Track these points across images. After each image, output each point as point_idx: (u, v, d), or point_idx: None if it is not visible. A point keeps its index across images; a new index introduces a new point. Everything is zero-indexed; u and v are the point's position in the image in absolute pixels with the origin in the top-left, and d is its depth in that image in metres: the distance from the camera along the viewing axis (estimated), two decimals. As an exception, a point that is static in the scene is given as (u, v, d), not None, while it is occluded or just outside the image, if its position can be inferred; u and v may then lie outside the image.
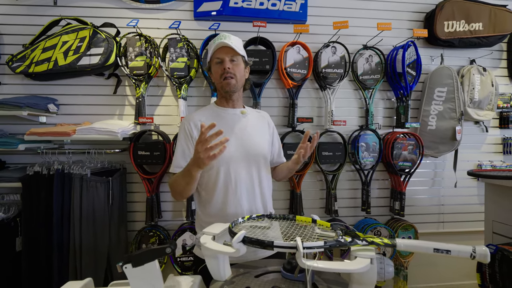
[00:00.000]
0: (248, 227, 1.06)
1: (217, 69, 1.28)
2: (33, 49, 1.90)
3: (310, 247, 0.82)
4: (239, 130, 1.30)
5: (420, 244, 0.87)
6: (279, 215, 1.14)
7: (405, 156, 2.19)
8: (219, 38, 1.26)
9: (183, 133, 1.29)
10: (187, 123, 1.29)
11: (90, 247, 1.82)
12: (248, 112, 1.38)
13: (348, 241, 0.86)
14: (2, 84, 2.00)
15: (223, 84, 1.27)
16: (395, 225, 2.22)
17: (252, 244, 0.86)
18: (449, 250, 0.85)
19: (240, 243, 0.87)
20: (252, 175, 1.29)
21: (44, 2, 2.01)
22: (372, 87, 2.22)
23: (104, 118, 2.06)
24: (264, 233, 1.04)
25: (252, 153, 1.29)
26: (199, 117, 1.30)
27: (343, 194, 2.30)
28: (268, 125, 1.44)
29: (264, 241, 0.85)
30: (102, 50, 1.92)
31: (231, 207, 1.25)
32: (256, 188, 1.30)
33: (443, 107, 2.24)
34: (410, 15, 2.31)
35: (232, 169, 1.25)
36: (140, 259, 0.92)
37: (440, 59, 2.31)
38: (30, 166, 1.79)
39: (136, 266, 0.92)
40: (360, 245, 0.87)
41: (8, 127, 1.99)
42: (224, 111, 1.33)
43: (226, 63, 1.25)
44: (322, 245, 0.83)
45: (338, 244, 0.85)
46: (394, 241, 0.87)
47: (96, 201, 1.85)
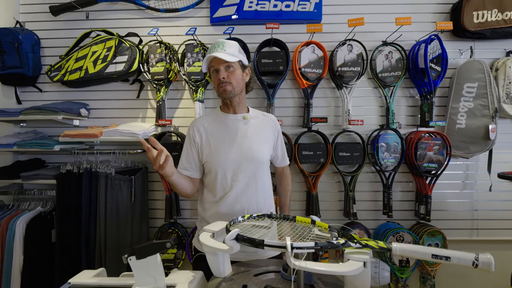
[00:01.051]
0: (247, 226, 1.08)
1: (214, 78, 1.34)
2: (68, 59, 2.11)
3: (299, 247, 0.81)
4: (239, 136, 1.35)
5: (418, 249, 0.82)
6: (280, 215, 1.15)
7: (430, 157, 2.05)
8: (212, 49, 1.30)
9: (188, 138, 1.39)
10: (191, 129, 1.39)
11: (114, 242, 1.95)
12: (252, 116, 1.42)
13: (341, 243, 0.84)
14: (43, 91, 2.24)
15: (221, 92, 1.33)
16: (420, 230, 2.08)
17: (244, 242, 0.87)
18: (449, 256, 0.79)
19: (233, 240, 0.89)
20: (249, 179, 1.35)
21: (78, 17, 2.23)
22: (392, 84, 2.12)
23: (129, 121, 2.21)
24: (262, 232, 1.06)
25: (250, 158, 1.34)
26: (202, 123, 1.40)
27: (363, 196, 2.21)
28: (273, 128, 1.47)
29: (255, 240, 0.86)
30: (126, 58, 2.08)
31: (224, 207, 1.33)
32: (251, 192, 1.35)
33: (473, 103, 2.07)
34: (434, 7, 2.17)
35: (229, 173, 1.33)
36: (143, 252, 0.99)
37: (469, 52, 2.15)
38: (63, 165, 1.98)
39: (140, 258, 0.98)
40: (353, 247, 0.84)
41: (47, 129, 2.22)
42: (226, 117, 1.39)
43: (221, 72, 1.30)
44: (313, 245, 0.82)
45: (330, 245, 0.83)
46: (389, 244, 0.84)
47: (119, 198, 1.99)
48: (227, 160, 1.31)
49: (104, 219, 1.94)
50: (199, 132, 1.37)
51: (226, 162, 1.32)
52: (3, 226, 1.88)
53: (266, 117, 1.49)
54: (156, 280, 0.97)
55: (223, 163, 1.32)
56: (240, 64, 1.35)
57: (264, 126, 1.44)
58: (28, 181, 2.01)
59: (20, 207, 2.05)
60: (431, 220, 2.05)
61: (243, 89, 1.39)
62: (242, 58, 1.35)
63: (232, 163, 1.32)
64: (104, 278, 1.10)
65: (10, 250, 1.87)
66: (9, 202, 2.10)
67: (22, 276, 1.87)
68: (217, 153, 1.32)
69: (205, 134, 1.36)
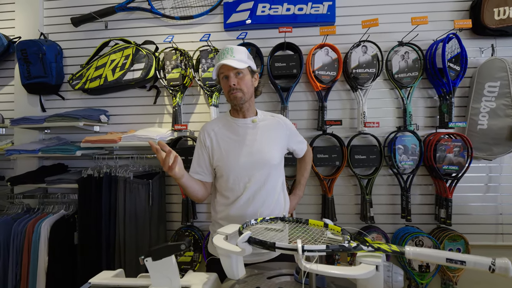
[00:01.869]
0: (260, 229, 1.09)
1: (224, 84, 1.35)
2: (88, 68, 2.20)
3: (311, 250, 0.81)
4: (249, 140, 1.36)
5: (432, 253, 0.80)
6: (292, 218, 1.15)
7: (450, 159, 1.99)
8: (221, 55, 1.30)
9: (199, 142, 1.42)
10: (202, 133, 1.42)
11: (133, 244, 2.00)
12: (260, 119, 1.43)
13: (353, 246, 0.84)
14: (66, 99, 2.34)
15: (231, 99, 1.34)
16: (441, 235, 2.02)
17: (256, 244, 0.88)
18: (464, 261, 0.77)
19: (245, 243, 0.90)
20: (260, 182, 1.36)
21: (97, 27, 2.32)
22: (409, 85, 2.08)
23: (147, 126, 2.27)
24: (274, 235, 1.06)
25: (261, 161, 1.35)
26: (212, 127, 1.42)
27: (380, 199, 2.17)
28: (283, 127, 1.47)
29: (266, 242, 0.86)
30: (143, 65, 2.14)
31: (236, 210, 1.35)
32: (263, 195, 1.36)
33: (496, 103, 1.99)
34: (452, 5, 2.11)
35: (240, 177, 1.34)
36: (158, 254, 1.02)
37: (490, 51, 2.07)
38: (85, 170, 2.05)
39: (155, 260, 1.01)
40: (365, 251, 0.83)
41: (70, 136, 2.32)
42: (235, 122, 1.41)
43: (231, 79, 1.30)
44: (324, 248, 0.82)
45: (342, 248, 0.83)
46: (402, 248, 0.82)
47: (138, 202, 2.04)
48: (237, 164, 1.33)
49: (123, 222, 2.00)
50: (210, 136, 1.39)
51: (237, 166, 1.33)
52: (29, 229, 1.97)
53: (274, 117, 1.48)
54: (171, 281, 1.00)
55: (234, 167, 1.34)
56: (249, 69, 1.36)
57: (274, 127, 1.44)
58: (52, 185, 2.10)
59: (44, 210, 2.14)
60: (452, 225, 1.99)
61: (252, 94, 1.40)
62: (251, 63, 1.36)
63: (243, 167, 1.33)
64: (123, 278, 1.14)
65: (36, 251, 1.96)
66: (34, 206, 2.19)
67: (47, 276, 1.95)
68: (228, 158, 1.34)
69: (215, 138, 1.39)
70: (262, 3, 2.15)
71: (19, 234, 1.98)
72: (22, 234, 1.98)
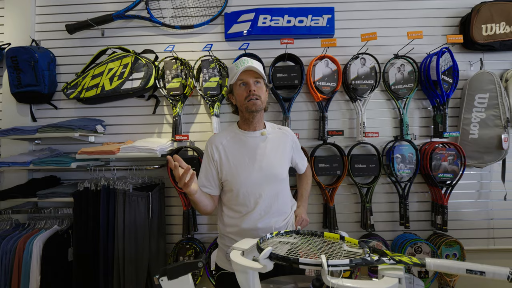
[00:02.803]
0: (276, 243, 1.08)
1: (241, 91, 1.33)
2: (84, 76, 2.12)
3: (335, 265, 0.82)
4: (259, 154, 1.35)
5: (452, 264, 0.83)
6: (307, 231, 1.15)
7: (445, 167, 2.07)
8: (243, 62, 1.31)
9: (206, 155, 1.40)
10: (210, 146, 1.39)
11: (132, 258, 1.93)
12: (269, 132, 1.43)
13: (375, 259, 0.85)
14: (59, 108, 2.25)
15: (248, 105, 1.31)
16: (438, 241, 2.09)
17: (278, 260, 0.87)
18: (484, 271, 0.80)
19: (267, 259, 0.89)
20: (272, 196, 1.36)
21: (93, 35, 2.25)
22: (405, 96, 2.16)
23: (145, 137, 2.22)
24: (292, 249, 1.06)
25: (272, 176, 1.35)
26: (220, 140, 1.39)
27: (380, 207, 2.22)
28: (291, 140, 1.49)
29: (289, 258, 0.86)
30: (142, 74, 2.09)
31: (247, 224, 1.34)
32: (274, 209, 1.36)
33: (485, 114, 2.11)
34: (443, 20, 2.23)
35: (251, 192, 1.33)
36: (175, 273, 0.98)
37: (479, 64, 2.20)
38: (81, 183, 1.96)
39: (171, 279, 0.98)
40: (387, 263, 0.85)
41: (62, 146, 2.22)
42: (244, 135, 1.39)
43: (251, 85, 1.31)
44: (348, 263, 0.82)
45: (364, 262, 0.84)
46: (423, 260, 0.84)
47: (137, 215, 1.97)
48: (248, 179, 1.32)
49: (122, 236, 1.92)
50: (218, 150, 1.37)
51: (248, 181, 1.32)
52: (20, 246, 1.86)
53: (282, 130, 1.49)
54: (188, 301, 0.97)
55: (245, 182, 1.32)
56: (264, 82, 1.37)
57: (282, 140, 1.45)
58: (44, 199, 1.99)
59: (36, 226, 2.02)
60: (448, 230, 2.06)
61: (265, 105, 1.41)
62: (265, 77, 1.38)
63: (254, 182, 1.32)
64: None
65: (27, 270, 1.84)
66: (24, 221, 2.07)
67: (39, 297, 1.84)
68: (237, 172, 1.32)
69: (223, 152, 1.36)
70: (263, 14, 2.17)
71: (8, 252, 1.85)
72: (11, 252, 1.85)
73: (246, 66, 1.29)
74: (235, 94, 1.37)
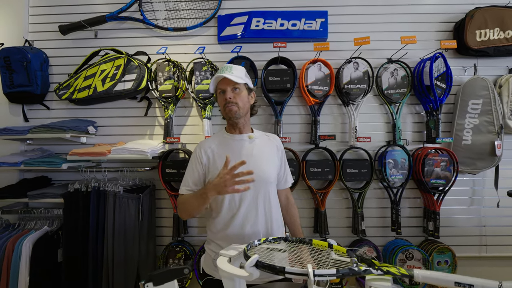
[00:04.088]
0: (264, 250, 1.07)
1: (220, 99, 1.36)
2: (76, 77, 2.12)
3: (321, 275, 0.81)
4: (245, 156, 1.35)
5: (441, 276, 0.82)
6: (296, 238, 1.14)
7: (437, 173, 2.06)
8: (221, 71, 1.33)
9: (194, 157, 1.39)
10: (198, 149, 1.40)
11: (121, 260, 1.93)
12: (256, 136, 1.44)
13: (362, 269, 0.84)
14: (51, 109, 2.25)
15: (226, 112, 1.35)
16: (430, 247, 2.08)
17: (265, 268, 0.87)
18: (472, 284, 0.79)
19: (253, 267, 0.89)
20: (257, 199, 1.35)
21: (86, 36, 2.25)
22: (398, 101, 2.15)
23: (137, 138, 2.21)
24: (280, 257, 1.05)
25: (259, 177, 1.33)
26: (209, 145, 1.41)
27: (371, 213, 2.20)
28: (277, 148, 1.49)
29: (276, 267, 0.85)
30: (135, 76, 2.09)
31: (233, 229, 1.33)
32: (260, 212, 1.35)
33: (479, 120, 2.09)
34: (437, 25, 2.22)
35: (237, 194, 1.31)
36: (160, 279, 0.98)
37: (473, 70, 2.18)
38: (71, 184, 1.96)
39: (157, 285, 0.98)
40: (375, 274, 0.84)
41: (54, 147, 2.22)
42: (231, 138, 1.41)
43: (227, 93, 1.33)
44: (334, 273, 0.81)
45: (352, 272, 0.83)
46: (411, 271, 0.83)
47: (127, 217, 1.97)
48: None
49: (112, 238, 1.92)
50: (207, 154, 1.38)
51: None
52: (9, 248, 1.85)
53: (269, 137, 1.51)
54: (173, 308, 0.96)
55: None
56: (246, 86, 1.38)
57: (268, 145, 1.46)
58: (35, 200, 1.99)
59: (26, 226, 2.02)
60: (440, 237, 2.05)
61: (248, 111, 1.42)
62: (248, 81, 1.39)
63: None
64: None
65: (15, 271, 1.84)
66: (14, 221, 2.07)
67: (27, 298, 1.84)
68: None
69: (212, 156, 1.37)
70: (256, 17, 2.17)
71: (-3, 252, 1.86)
72: (0, 252, 1.85)
73: (218, 76, 1.32)
74: (217, 101, 1.41)
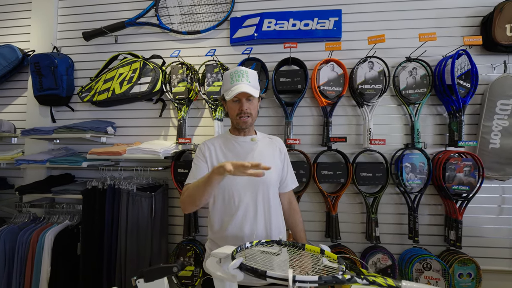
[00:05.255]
0: (255, 252, 1.07)
1: (234, 106, 1.36)
2: (97, 81, 2.25)
3: (302, 281, 0.79)
4: (247, 157, 1.37)
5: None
6: (289, 242, 1.13)
7: (460, 179, 1.92)
8: (237, 78, 1.31)
9: (199, 155, 1.42)
10: (202, 146, 1.44)
11: (134, 256, 2.00)
12: (259, 139, 1.45)
13: (347, 278, 0.81)
14: (75, 110, 2.40)
15: (239, 122, 1.36)
16: (450, 258, 1.93)
17: (248, 271, 0.86)
18: None
19: (236, 269, 0.88)
20: (256, 200, 1.34)
21: (107, 41, 2.38)
22: (417, 102, 2.03)
23: (152, 139, 2.29)
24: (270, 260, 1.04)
25: (258, 179, 1.31)
26: (212, 143, 1.45)
27: (387, 219, 2.10)
28: (280, 151, 1.49)
29: (257, 270, 0.85)
30: (150, 79, 2.17)
31: (232, 229, 1.31)
32: (259, 214, 1.34)
33: (508, 122, 1.92)
34: (462, 21, 2.07)
35: (236, 194, 1.33)
36: (151, 275, 1.01)
37: (503, 67, 2.01)
38: (89, 181, 2.08)
39: (148, 281, 1.01)
40: (359, 283, 0.80)
41: (78, 146, 2.36)
42: (235, 139, 1.43)
43: (243, 104, 1.33)
44: (316, 280, 0.79)
45: (335, 280, 0.81)
46: (399, 283, 0.79)
47: (140, 214, 2.04)
48: (233, 181, 1.33)
49: (125, 234, 2.00)
50: (209, 151, 1.41)
51: (233, 182, 1.33)
52: (33, 239, 2.00)
53: (272, 139, 1.51)
54: (162, 304, 0.98)
55: (230, 183, 1.33)
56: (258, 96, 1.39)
57: (270, 147, 1.47)
58: (58, 195, 2.13)
59: (50, 220, 2.17)
60: (462, 247, 1.90)
61: (256, 116, 1.44)
62: (259, 88, 1.40)
63: (239, 184, 1.33)
64: None
65: (39, 261, 1.98)
66: (41, 215, 2.23)
67: (49, 286, 1.96)
68: None
69: (215, 154, 1.40)
70: (268, 18, 2.16)
71: (24, 243, 2.00)
72: (26, 244, 2.00)
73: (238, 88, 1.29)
74: (228, 105, 1.40)
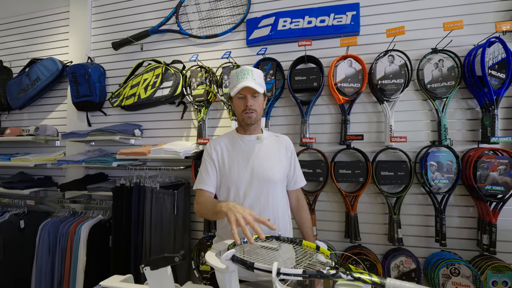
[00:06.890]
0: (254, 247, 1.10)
1: (239, 103, 1.38)
2: (125, 87, 2.42)
3: (286, 274, 0.82)
4: (252, 155, 1.39)
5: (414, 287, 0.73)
6: (287, 238, 1.15)
7: (494, 178, 1.76)
8: (242, 75, 1.34)
9: (206, 155, 1.47)
10: (209, 145, 1.48)
11: (158, 250, 2.13)
12: (265, 137, 1.46)
13: (331, 273, 0.81)
14: (108, 115, 2.61)
15: (244, 118, 1.38)
16: (483, 264, 1.78)
17: (238, 263, 0.91)
18: None
19: (229, 261, 0.93)
20: (261, 198, 1.36)
21: (134, 50, 2.55)
22: (444, 96, 1.89)
23: (175, 140, 2.41)
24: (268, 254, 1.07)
25: (262, 177, 1.36)
26: (219, 142, 1.47)
27: (411, 220, 1.99)
28: (286, 149, 1.49)
29: (246, 262, 0.89)
30: (171, 83, 2.29)
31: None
32: (264, 210, 1.35)
33: (552, 115, 1.72)
34: (495, 5, 1.88)
35: (241, 191, 1.36)
36: (155, 264, 1.10)
37: (546, 54, 1.79)
38: (118, 179, 2.25)
39: (153, 269, 1.10)
40: (344, 279, 0.80)
41: (110, 148, 2.57)
42: (241, 138, 1.45)
43: (248, 100, 1.35)
44: (300, 273, 0.82)
45: (319, 275, 0.82)
46: (383, 280, 0.77)
47: (163, 211, 2.17)
48: (239, 178, 1.36)
49: (149, 229, 2.13)
50: (216, 150, 1.44)
51: (238, 180, 1.36)
52: (72, 230, 2.22)
53: (279, 138, 1.52)
54: (166, 291, 1.05)
55: (235, 181, 1.36)
56: (263, 92, 1.40)
57: (276, 145, 1.47)
58: (92, 192, 2.34)
59: (86, 214, 2.39)
60: (497, 253, 1.74)
61: (261, 116, 1.46)
62: (264, 87, 1.41)
63: (244, 181, 1.36)
64: (130, 284, 1.26)
65: (76, 251, 2.19)
66: (79, 210, 2.46)
67: (84, 274, 2.17)
68: (230, 171, 1.38)
69: (221, 152, 1.43)
70: (283, 17, 2.16)
71: (64, 235, 2.23)
72: (66, 235, 2.23)
73: (243, 83, 1.31)
74: (234, 103, 1.43)
